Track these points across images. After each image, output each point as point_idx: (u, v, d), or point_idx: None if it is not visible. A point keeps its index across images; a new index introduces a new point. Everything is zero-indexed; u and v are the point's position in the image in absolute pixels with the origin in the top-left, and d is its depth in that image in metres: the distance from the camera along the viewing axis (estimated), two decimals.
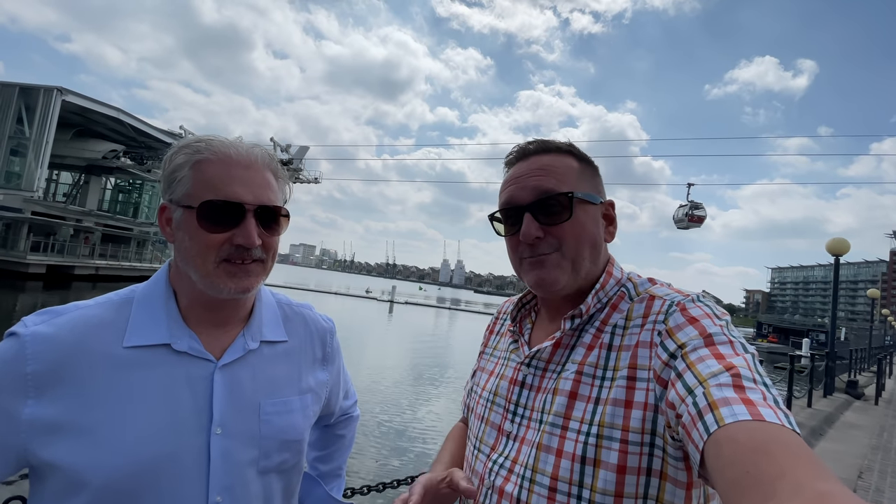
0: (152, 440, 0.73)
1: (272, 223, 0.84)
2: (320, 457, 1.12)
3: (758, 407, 0.54)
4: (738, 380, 0.58)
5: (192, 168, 0.79)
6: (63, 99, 27.47)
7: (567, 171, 0.84)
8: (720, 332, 0.68)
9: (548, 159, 0.85)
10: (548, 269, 0.81)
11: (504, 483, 0.78)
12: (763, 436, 0.51)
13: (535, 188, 0.82)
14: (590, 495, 0.69)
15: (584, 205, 0.83)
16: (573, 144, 0.88)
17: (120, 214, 39.98)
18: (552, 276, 0.81)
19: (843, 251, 10.82)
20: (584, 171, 0.86)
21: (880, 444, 7.27)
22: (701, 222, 25.01)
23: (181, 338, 0.79)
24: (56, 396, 0.71)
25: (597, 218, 0.85)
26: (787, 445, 0.50)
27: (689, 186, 24.88)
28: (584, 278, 0.83)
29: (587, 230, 0.82)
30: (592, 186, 0.86)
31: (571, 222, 0.81)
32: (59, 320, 0.74)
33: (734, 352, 0.65)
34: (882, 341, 33.16)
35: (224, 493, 0.77)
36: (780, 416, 0.53)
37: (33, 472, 0.73)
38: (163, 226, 0.83)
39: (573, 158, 0.86)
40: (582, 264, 0.82)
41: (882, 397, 11.62)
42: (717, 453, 0.53)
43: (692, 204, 24.67)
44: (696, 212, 24.80)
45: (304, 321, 0.98)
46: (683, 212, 25.09)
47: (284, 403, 0.87)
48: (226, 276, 0.79)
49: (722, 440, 0.53)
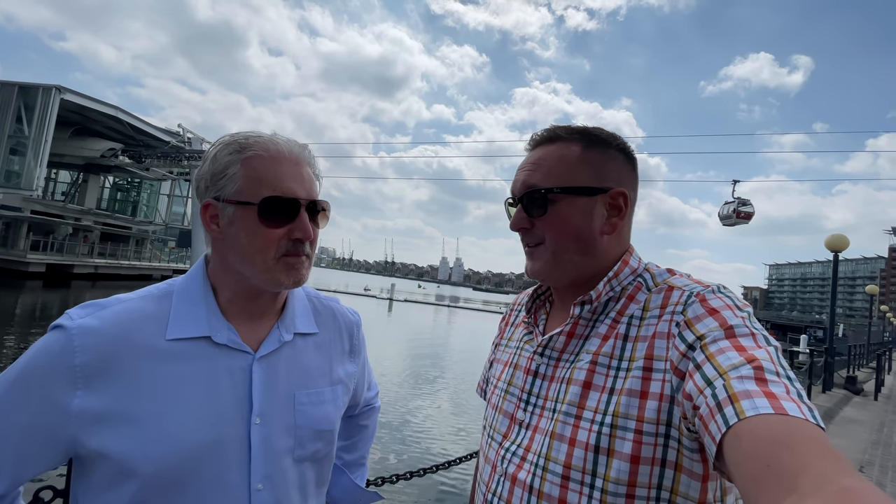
0: (197, 429, 0.75)
1: (317, 217, 0.87)
2: (344, 446, 1.14)
3: (780, 400, 0.53)
4: (761, 372, 0.57)
5: (242, 165, 0.80)
6: (62, 97, 27.34)
7: (558, 164, 0.84)
8: (742, 324, 0.66)
9: (544, 151, 0.86)
10: (534, 261, 0.86)
11: (517, 471, 0.78)
12: (785, 429, 0.50)
13: (523, 182, 0.86)
14: (603, 484, 0.69)
15: (570, 198, 0.82)
16: (588, 128, 0.87)
17: (119, 213, 39.84)
18: (536, 267, 0.86)
19: (843, 248, 10.84)
20: (588, 158, 0.84)
21: (880, 440, 7.31)
22: (749, 219, 24.14)
23: (221, 330, 0.81)
24: (103, 387, 0.73)
25: (589, 209, 0.82)
26: (809, 440, 0.48)
27: (734, 183, 24.18)
28: (578, 270, 0.83)
29: (570, 224, 0.82)
30: (594, 175, 0.83)
31: (548, 217, 0.83)
32: (104, 313, 0.76)
33: (756, 344, 0.63)
34: (881, 337, 33.28)
35: (265, 481, 0.80)
36: (803, 410, 0.52)
37: (79, 461, 0.75)
38: (207, 223, 0.84)
39: (579, 145, 0.84)
40: (564, 257, 0.83)
41: (881, 393, 11.68)
42: (737, 446, 0.52)
43: (740, 200, 23.87)
44: (743, 208, 24.01)
45: (333, 314, 1.01)
46: (731, 208, 24.15)
47: (317, 394, 0.90)
48: (284, 271, 0.82)
49: (742, 433, 0.52)
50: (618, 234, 0.85)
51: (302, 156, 0.86)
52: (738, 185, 24.29)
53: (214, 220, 0.83)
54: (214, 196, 0.82)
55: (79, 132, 33.19)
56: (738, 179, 24.28)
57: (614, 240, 0.85)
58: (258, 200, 0.79)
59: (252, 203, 0.79)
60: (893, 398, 11.83)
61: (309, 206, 0.84)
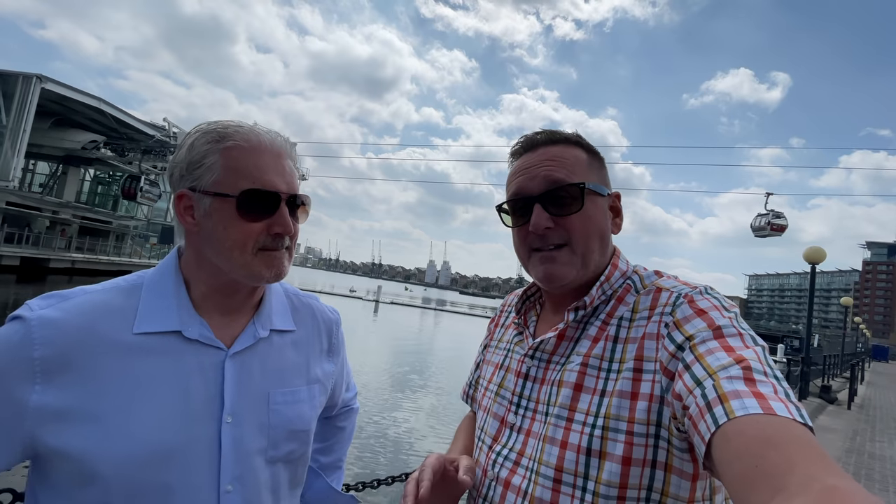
0: (164, 428, 0.72)
1: (297, 211, 0.84)
2: (321, 448, 1.11)
3: (769, 400, 0.53)
4: (749, 373, 0.57)
5: (221, 155, 0.78)
6: (42, 87, 26.62)
7: (576, 162, 0.84)
8: (729, 325, 0.67)
9: (557, 150, 0.84)
10: (558, 265, 0.81)
11: (510, 475, 0.77)
12: (773, 429, 0.50)
13: (546, 178, 0.82)
14: (594, 487, 0.68)
15: (593, 196, 0.83)
16: (581, 136, 0.88)
17: (99, 207, 38.92)
18: (561, 272, 0.81)
19: (820, 259, 11.14)
20: (593, 162, 0.86)
21: (854, 447, 7.49)
22: (782, 231, 24.15)
23: (192, 325, 0.78)
24: (64, 383, 0.69)
25: (605, 210, 0.85)
26: (797, 439, 0.49)
27: (767, 196, 24.21)
28: (591, 271, 0.83)
29: (596, 222, 0.82)
30: (600, 178, 0.86)
31: (581, 213, 0.81)
32: (67, 304, 0.72)
33: (744, 344, 0.64)
34: (854, 348, 34.19)
35: (235, 483, 0.77)
36: (791, 410, 0.52)
37: (38, 461, 0.71)
38: (181, 214, 0.80)
39: (581, 150, 0.86)
40: (591, 258, 0.82)
41: (854, 402, 11.99)
42: (726, 446, 0.52)
43: (773, 213, 24.01)
44: (777, 220, 24.06)
45: (312, 312, 0.98)
46: (764, 220, 24.16)
47: (293, 393, 0.87)
48: (263, 264, 0.79)
49: (730, 433, 0.52)
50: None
51: (284, 148, 0.83)
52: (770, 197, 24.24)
53: (189, 211, 0.80)
54: (190, 186, 0.79)
55: (59, 123, 32.37)
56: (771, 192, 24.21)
57: (611, 241, 0.88)
58: (237, 193, 0.76)
59: (230, 195, 0.76)
60: (866, 407, 12.15)
61: (289, 200, 0.81)
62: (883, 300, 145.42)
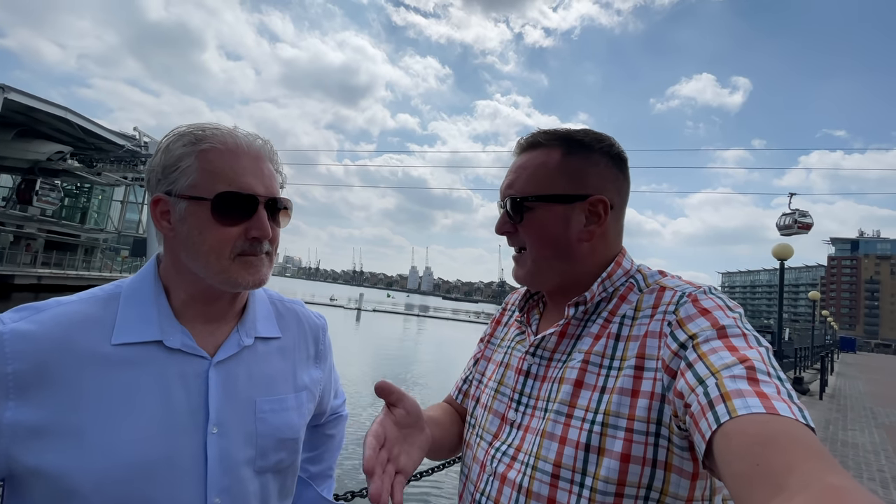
0: (146, 441, 0.70)
1: (277, 215, 0.83)
2: (310, 457, 1.09)
3: (772, 400, 0.53)
4: (753, 372, 0.57)
5: (197, 157, 0.76)
6: (5, 97, 25.63)
7: (538, 171, 0.84)
8: (733, 325, 0.67)
9: (526, 158, 0.86)
10: (518, 267, 0.88)
11: (507, 470, 0.77)
12: (774, 429, 0.50)
13: (505, 189, 0.88)
14: (592, 483, 0.68)
15: (547, 206, 0.82)
16: (572, 133, 0.85)
17: (66, 220, 37.49)
18: (520, 273, 0.88)
19: (788, 256, 11.57)
20: (567, 165, 0.83)
21: (826, 437, 7.75)
22: (808, 229, 24.95)
23: (173, 334, 0.76)
24: (40, 398, 0.66)
25: (566, 216, 0.82)
26: (797, 439, 0.49)
27: (790, 196, 24.82)
28: (561, 276, 0.84)
29: (547, 231, 0.82)
30: (573, 182, 0.82)
31: (525, 224, 0.84)
32: (41, 317, 0.70)
33: (748, 344, 0.64)
34: (823, 340, 35.43)
35: (223, 495, 0.74)
36: (793, 411, 0.53)
37: (12, 481, 0.68)
38: (157, 220, 0.78)
39: (559, 152, 0.84)
40: (544, 263, 0.84)
41: (826, 392, 12.42)
42: (727, 444, 0.52)
43: (799, 212, 24.91)
44: (803, 219, 24.94)
45: (297, 318, 0.96)
46: (791, 219, 25.11)
47: (280, 401, 0.85)
48: (242, 270, 0.77)
49: (731, 432, 0.52)
50: (603, 239, 0.84)
51: (263, 150, 0.81)
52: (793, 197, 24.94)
53: (165, 216, 0.78)
54: (166, 190, 0.77)
55: (23, 133, 31.11)
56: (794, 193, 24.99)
57: (599, 244, 0.84)
58: (212, 195, 0.75)
59: (205, 198, 0.75)
60: (837, 397, 12.60)
61: (268, 204, 0.80)
62: (848, 293, 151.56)
